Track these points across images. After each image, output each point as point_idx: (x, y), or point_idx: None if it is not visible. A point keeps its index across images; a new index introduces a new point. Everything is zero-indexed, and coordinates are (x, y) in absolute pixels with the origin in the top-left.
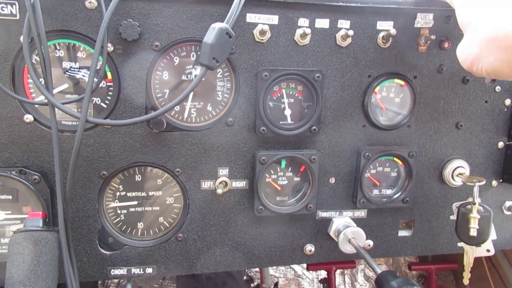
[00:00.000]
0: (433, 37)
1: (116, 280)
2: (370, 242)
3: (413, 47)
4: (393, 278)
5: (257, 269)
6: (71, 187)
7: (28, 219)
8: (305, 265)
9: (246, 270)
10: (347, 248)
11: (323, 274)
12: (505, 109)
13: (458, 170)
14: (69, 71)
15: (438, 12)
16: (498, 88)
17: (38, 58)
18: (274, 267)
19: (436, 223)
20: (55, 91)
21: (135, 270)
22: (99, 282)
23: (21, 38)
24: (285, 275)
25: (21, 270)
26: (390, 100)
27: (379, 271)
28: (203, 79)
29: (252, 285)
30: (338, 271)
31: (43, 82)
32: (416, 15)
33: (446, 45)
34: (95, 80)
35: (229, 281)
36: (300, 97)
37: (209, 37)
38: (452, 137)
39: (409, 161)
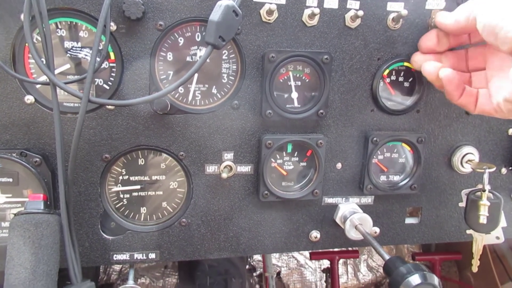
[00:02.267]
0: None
1: (117, 269)
2: (377, 229)
3: (424, 29)
4: (402, 264)
5: (260, 258)
6: (73, 169)
7: (29, 202)
8: (308, 255)
9: (249, 259)
10: (353, 235)
11: (326, 263)
12: None
13: (467, 157)
14: (71, 50)
15: None
16: None
17: (39, 37)
18: (277, 257)
19: (444, 210)
20: (57, 71)
21: (138, 256)
22: (100, 270)
23: (22, 16)
24: (287, 264)
25: (21, 253)
26: (400, 84)
27: (387, 257)
28: (207, 60)
29: (254, 274)
30: (341, 261)
31: (44, 62)
32: None
33: None
34: (98, 60)
35: (232, 269)
36: (307, 80)
37: (215, 15)
38: (461, 123)
39: (418, 147)
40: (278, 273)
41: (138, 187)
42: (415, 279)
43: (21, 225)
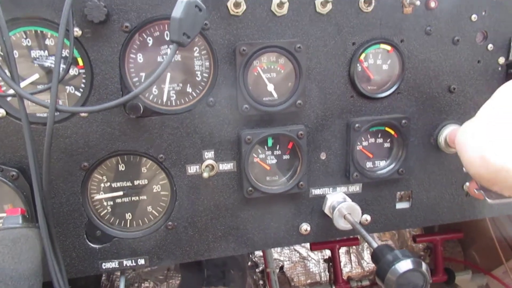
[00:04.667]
0: (418, 3)
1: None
2: (368, 217)
3: (398, 9)
4: (389, 252)
5: (261, 254)
6: (47, 181)
7: (6, 217)
8: (309, 247)
9: (251, 256)
10: (342, 225)
11: (328, 254)
12: (499, 68)
13: None
14: (37, 59)
15: None
16: (490, 46)
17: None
18: (279, 251)
19: (434, 192)
20: (25, 82)
21: (127, 262)
22: (103, 277)
23: None
24: (290, 258)
25: (1, 270)
26: (378, 67)
27: (375, 245)
28: (179, 59)
29: (257, 270)
30: (343, 250)
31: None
32: None
33: (433, 4)
34: (63, 67)
35: (235, 267)
36: (282, 71)
37: (177, 11)
38: (445, 101)
39: (402, 130)
40: (281, 268)
41: (121, 193)
42: (401, 265)
43: None
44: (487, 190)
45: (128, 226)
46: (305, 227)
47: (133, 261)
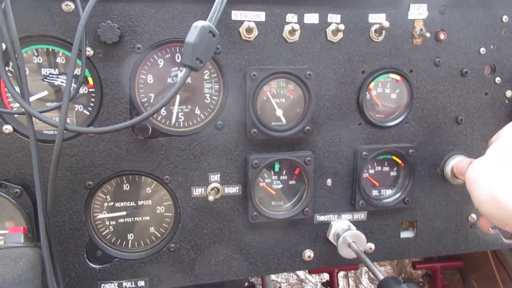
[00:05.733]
0: (428, 34)
1: None
2: (372, 245)
3: (408, 40)
4: (396, 285)
5: None
6: (52, 200)
7: (8, 235)
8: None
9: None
10: (347, 253)
11: (326, 277)
12: (506, 101)
13: None
14: (48, 77)
15: (432, 2)
16: (498, 79)
17: None
18: None
19: (439, 222)
20: (33, 98)
21: (127, 284)
22: None
23: None
24: (287, 280)
25: None
26: (386, 96)
27: (381, 277)
28: (189, 81)
29: None
30: (341, 274)
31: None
32: (409, 6)
33: (442, 36)
34: (74, 86)
35: (228, 283)
36: (291, 96)
37: (191, 36)
38: (452, 132)
39: (409, 160)
40: None
41: (124, 213)
42: None
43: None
44: (501, 229)
45: (129, 246)
46: (309, 253)
47: (133, 282)
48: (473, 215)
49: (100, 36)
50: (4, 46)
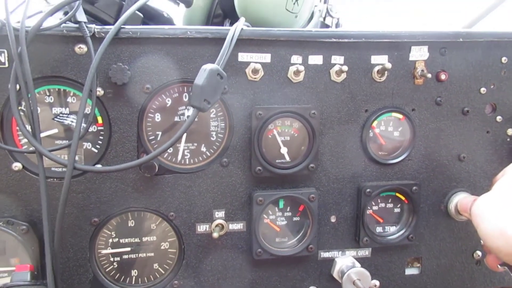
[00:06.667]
0: (429, 75)
1: None
2: (376, 283)
3: (410, 80)
4: None
5: None
6: (59, 239)
7: (15, 273)
8: None
9: None
10: None
11: None
12: (508, 139)
13: None
14: (58, 117)
15: (433, 44)
16: (499, 118)
17: None
18: None
19: (444, 259)
20: (43, 134)
21: None
22: None
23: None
24: None
25: None
26: (389, 134)
27: None
28: (196, 119)
29: None
30: None
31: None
32: (410, 48)
33: (443, 76)
34: (84, 125)
35: None
36: (296, 135)
37: (200, 78)
38: (455, 169)
39: (412, 196)
40: None
41: (128, 249)
42: None
43: None
44: (510, 266)
45: (133, 283)
46: None
47: None
48: (479, 252)
49: (110, 77)
50: (18, 86)
